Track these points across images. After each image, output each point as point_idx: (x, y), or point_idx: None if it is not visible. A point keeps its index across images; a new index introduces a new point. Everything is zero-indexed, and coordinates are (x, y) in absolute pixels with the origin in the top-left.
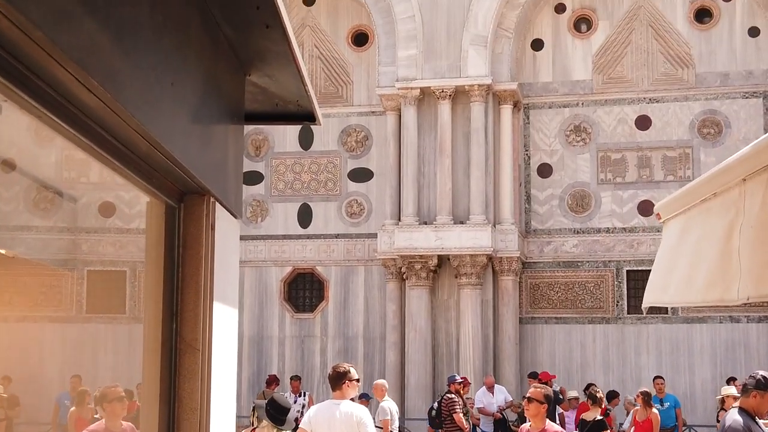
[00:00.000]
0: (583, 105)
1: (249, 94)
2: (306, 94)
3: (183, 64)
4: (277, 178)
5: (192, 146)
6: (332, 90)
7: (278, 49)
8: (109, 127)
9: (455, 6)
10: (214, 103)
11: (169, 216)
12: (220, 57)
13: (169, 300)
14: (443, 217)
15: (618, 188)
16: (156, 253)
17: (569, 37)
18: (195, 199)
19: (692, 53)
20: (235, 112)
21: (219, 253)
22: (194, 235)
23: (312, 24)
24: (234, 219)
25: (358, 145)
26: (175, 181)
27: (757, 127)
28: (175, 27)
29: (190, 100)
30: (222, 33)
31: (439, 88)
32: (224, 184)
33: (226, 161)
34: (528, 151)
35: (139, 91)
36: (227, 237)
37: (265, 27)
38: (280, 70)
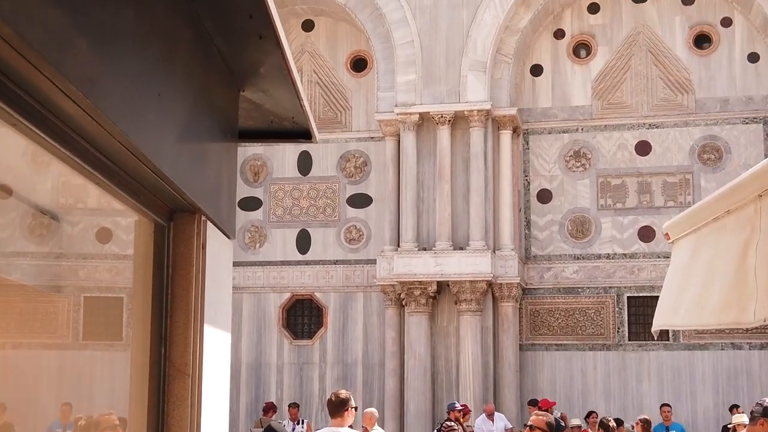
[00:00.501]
0: (583, 130)
1: (243, 110)
2: (301, 110)
3: (171, 75)
4: (275, 204)
5: (182, 162)
6: (331, 115)
7: (272, 62)
8: (90, 137)
9: (454, 31)
10: (206, 117)
11: (158, 235)
12: (213, 71)
13: (158, 323)
14: (442, 243)
15: (618, 214)
16: (144, 274)
17: (568, 63)
18: (185, 218)
19: (692, 79)
20: (229, 128)
21: (210, 274)
22: (184, 255)
23: (311, 50)
24: (227, 239)
25: (357, 171)
26: (164, 198)
27: (757, 152)
28: (163, 36)
29: (179, 114)
30: (214, 46)
31: (438, 113)
32: (216, 202)
33: (218, 179)
34: (527, 177)
35: (122, 100)
36: (219, 257)
37: (258, 38)
38: (274, 84)
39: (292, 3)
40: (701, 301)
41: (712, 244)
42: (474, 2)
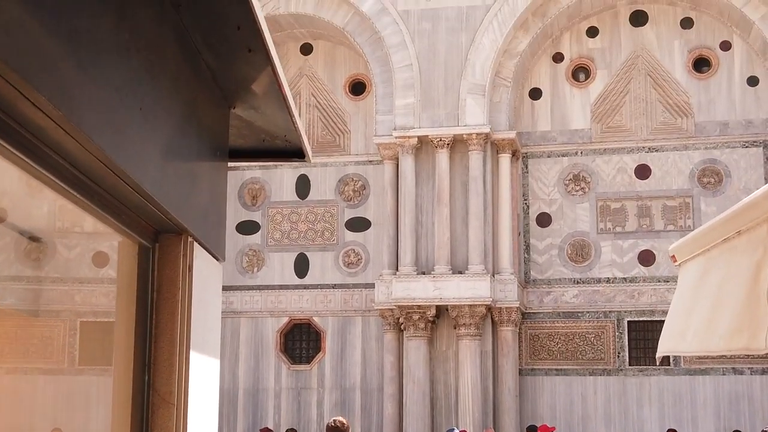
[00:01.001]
0: (582, 154)
1: (234, 128)
2: (293, 127)
3: (155, 88)
4: (273, 228)
5: (167, 180)
6: (329, 139)
7: (262, 77)
8: (64, 151)
9: (453, 55)
10: (194, 134)
11: (143, 257)
12: (201, 87)
13: (142, 348)
14: (441, 267)
15: (618, 238)
16: (127, 297)
17: (567, 86)
18: (171, 239)
19: (691, 102)
20: (218, 147)
21: (198, 297)
22: (170, 278)
23: (309, 73)
24: (215, 261)
25: (355, 195)
26: (148, 218)
27: (757, 176)
28: (146, 47)
29: (164, 129)
30: (203, 61)
31: (436, 136)
32: (205, 223)
33: (207, 199)
34: (527, 201)
35: (99, 113)
36: (207, 280)
37: (247, 51)
38: (265, 100)
39: (291, 27)
40: (710, 326)
41: (722, 266)
42: (472, 26)
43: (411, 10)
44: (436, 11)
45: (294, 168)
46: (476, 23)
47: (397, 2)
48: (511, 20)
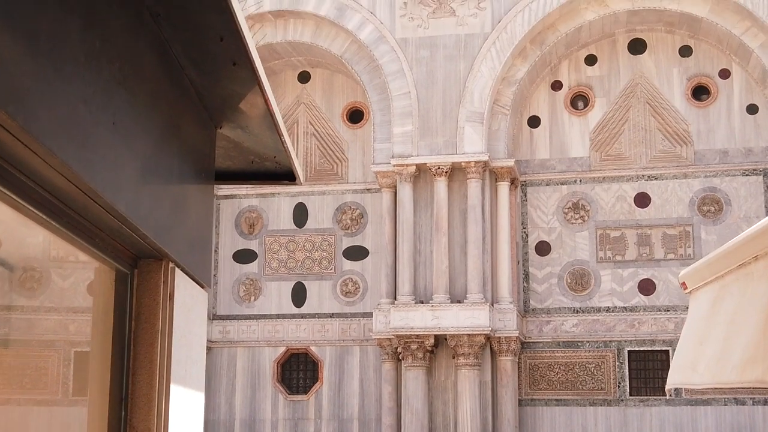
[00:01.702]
0: (581, 182)
1: (221, 149)
2: (283, 147)
3: (130, 103)
4: (270, 257)
5: (145, 201)
6: (327, 167)
7: (249, 93)
8: (25, 167)
9: (451, 82)
10: (176, 154)
11: (120, 283)
12: (185, 105)
13: (118, 382)
14: (440, 296)
15: (618, 266)
16: (104, 327)
17: (566, 114)
18: (151, 265)
19: (690, 130)
20: (204, 168)
21: (179, 327)
22: (149, 306)
23: (307, 101)
24: (200, 288)
25: (353, 223)
26: (125, 242)
27: (758, 205)
28: (119, 57)
29: (142, 147)
30: (186, 77)
31: (435, 164)
32: (188, 248)
33: (191, 223)
34: (526, 229)
35: (63, 124)
36: (190, 309)
37: (232, 64)
38: (253, 118)
39: (288, 55)
40: (723, 357)
41: (736, 293)
42: (471, 54)
43: (409, 38)
44: (434, 39)
45: (291, 196)
46: (474, 51)
47: (395, 30)
48: (509, 48)
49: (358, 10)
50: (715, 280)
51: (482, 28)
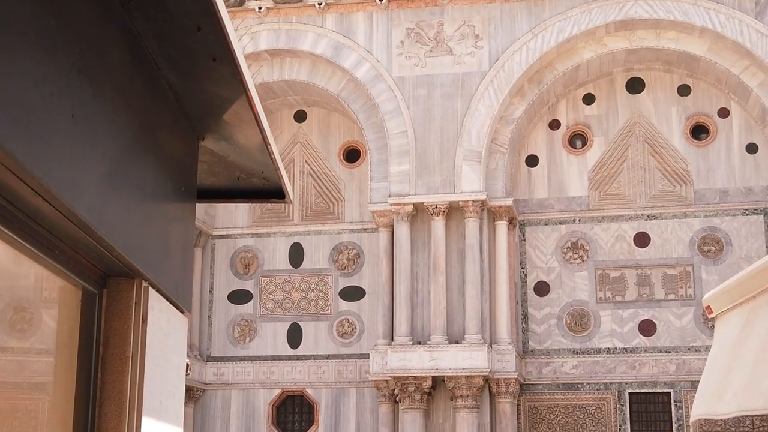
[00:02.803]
0: (580, 222)
1: (204, 164)
2: (270, 160)
3: (94, 96)
4: (266, 297)
5: (113, 209)
6: (324, 207)
7: (231, 95)
8: None
9: (448, 121)
10: (151, 162)
11: (87, 304)
12: (163, 111)
13: (83, 415)
14: (438, 337)
15: (618, 307)
16: (68, 353)
17: (564, 154)
18: (121, 283)
19: (690, 170)
20: (184, 183)
21: (153, 353)
22: (119, 329)
23: (303, 140)
24: (178, 313)
25: (349, 263)
26: (91, 256)
27: (758, 244)
28: (81, 42)
29: (108, 147)
30: (163, 79)
31: (432, 203)
32: (165, 267)
33: (169, 241)
34: (524, 269)
35: (6, 106)
36: (167, 334)
37: (211, 60)
38: (237, 126)
39: (284, 94)
40: (752, 383)
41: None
42: (468, 92)
43: (406, 77)
44: (431, 77)
45: (287, 236)
46: (472, 89)
47: (392, 68)
48: (506, 87)
49: (354, 48)
50: (745, 302)
51: (480, 66)
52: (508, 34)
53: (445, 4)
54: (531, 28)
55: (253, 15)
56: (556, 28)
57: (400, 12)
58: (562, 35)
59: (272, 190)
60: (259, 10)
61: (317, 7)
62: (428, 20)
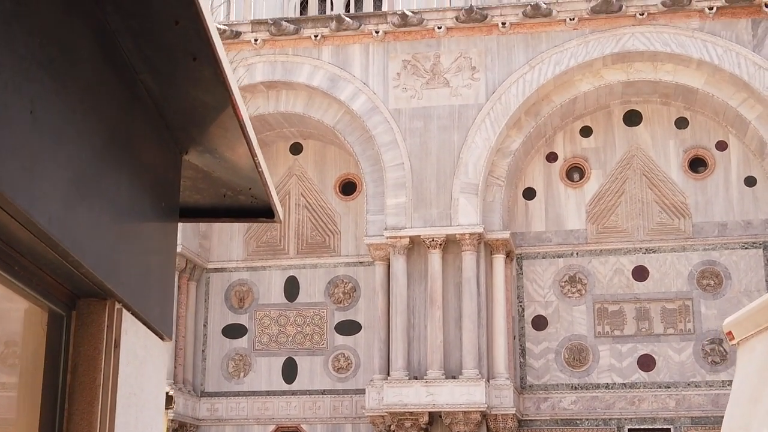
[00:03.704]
0: (578, 255)
1: (188, 180)
2: (258, 175)
3: (58, 94)
4: (261, 331)
5: (80, 222)
6: (319, 240)
7: (214, 100)
8: None
9: (445, 153)
10: (125, 174)
11: (53, 328)
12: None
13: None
14: (434, 372)
15: (616, 341)
16: (31, 382)
17: (561, 186)
18: (92, 305)
19: (688, 203)
20: (165, 198)
21: (127, 382)
22: (88, 355)
23: (299, 173)
24: (157, 339)
25: (345, 297)
26: (58, 273)
27: (758, 278)
28: (42, 32)
29: (75, 154)
30: (141, 84)
31: (429, 236)
32: (142, 290)
33: (147, 260)
34: (522, 303)
35: None
36: (143, 362)
37: (191, 59)
38: (222, 136)
39: (280, 126)
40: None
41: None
42: (465, 124)
43: (402, 109)
44: (427, 110)
45: (282, 269)
46: (468, 122)
47: (388, 100)
48: (503, 119)
49: (350, 80)
50: None
51: (476, 98)
52: (504, 67)
53: (441, 37)
54: (528, 60)
55: (249, 47)
56: (552, 60)
57: (397, 44)
58: (558, 67)
59: (261, 208)
60: (255, 42)
61: (313, 39)
62: (425, 52)
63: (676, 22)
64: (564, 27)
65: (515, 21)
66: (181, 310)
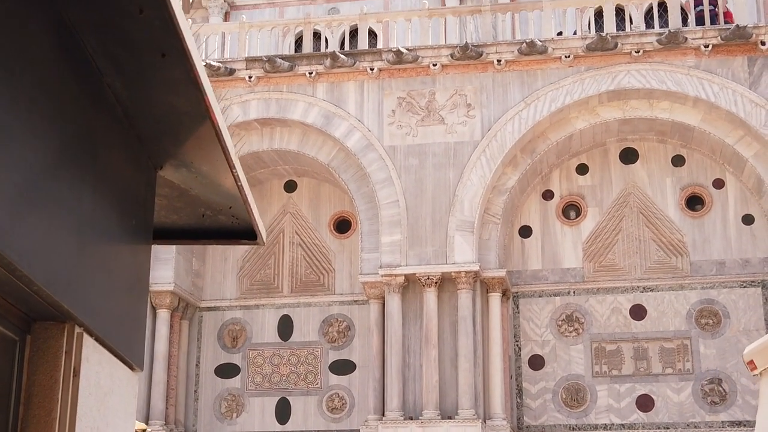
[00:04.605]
0: (575, 294)
1: (164, 199)
2: (239, 192)
3: (7, 87)
4: (254, 371)
5: (32, 234)
6: (313, 278)
7: (188, 106)
8: None
9: (440, 191)
10: (90, 184)
11: (5, 354)
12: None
13: None
14: (430, 412)
15: (614, 381)
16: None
17: (558, 224)
18: (48, 329)
19: (686, 241)
20: (137, 216)
21: (88, 415)
22: (44, 384)
23: (293, 211)
24: (125, 368)
25: (339, 336)
26: (7, 293)
27: (757, 317)
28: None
29: (26, 153)
30: (108, 89)
31: (424, 274)
32: (107, 312)
33: (113, 281)
34: (518, 342)
35: None
36: (108, 393)
37: (160, 56)
38: (197, 147)
39: (274, 163)
40: None
41: None
42: (460, 162)
43: (397, 146)
44: (423, 147)
45: (276, 308)
46: (464, 159)
47: (383, 138)
48: (499, 156)
49: (345, 117)
50: None
51: (472, 135)
52: (500, 104)
53: (436, 74)
54: (523, 97)
55: (243, 84)
56: (548, 97)
57: (392, 81)
58: (554, 105)
59: (243, 230)
60: (250, 79)
61: (308, 76)
62: (420, 89)
63: (671, 59)
64: (559, 64)
65: (511, 58)
66: (173, 350)
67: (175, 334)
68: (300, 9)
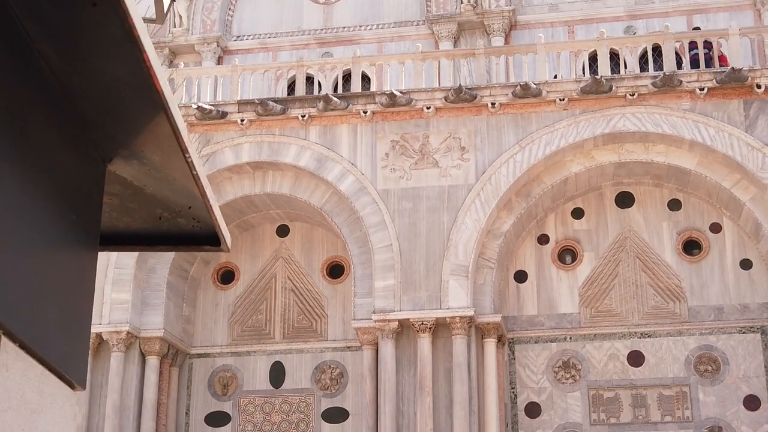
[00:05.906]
0: (571, 339)
1: (115, 198)
2: (197, 189)
3: None
4: (245, 419)
5: None
6: (306, 324)
7: (130, 76)
8: None
9: (434, 235)
10: (18, 169)
11: None
12: (39, 103)
13: None
14: None
15: (613, 429)
16: None
17: (554, 269)
18: None
19: (683, 286)
20: (80, 215)
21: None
22: None
23: (286, 255)
24: (61, 384)
25: (332, 383)
26: None
27: (757, 363)
28: None
29: None
30: (39, 56)
31: (418, 320)
32: (37, 318)
33: (47, 284)
34: (514, 389)
35: None
36: (36, 410)
37: (91, 4)
38: (146, 131)
39: (267, 207)
40: None
41: None
42: (454, 205)
43: (391, 189)
44: (416, 190)
45: (268, 355)
46: (458, 203)
47: (376, 181)
48: (494, 200)
49: (338, 161)
50: None
51: (466, 179)
52: (494, 147)
53: (430, 117)
54: (518, 140)
55: (235, 127)
56: (543, 140)
57: (385, 124)
58: (549, 148)
59: (205, 235)
60: (242, 122)
61: (300, 119)
62: (413, 132)
63: (666, 102)
64: (554, 107)
65: (505, 101)
66: (162, 398)
67: (165, 381)
68: (293, 54)
